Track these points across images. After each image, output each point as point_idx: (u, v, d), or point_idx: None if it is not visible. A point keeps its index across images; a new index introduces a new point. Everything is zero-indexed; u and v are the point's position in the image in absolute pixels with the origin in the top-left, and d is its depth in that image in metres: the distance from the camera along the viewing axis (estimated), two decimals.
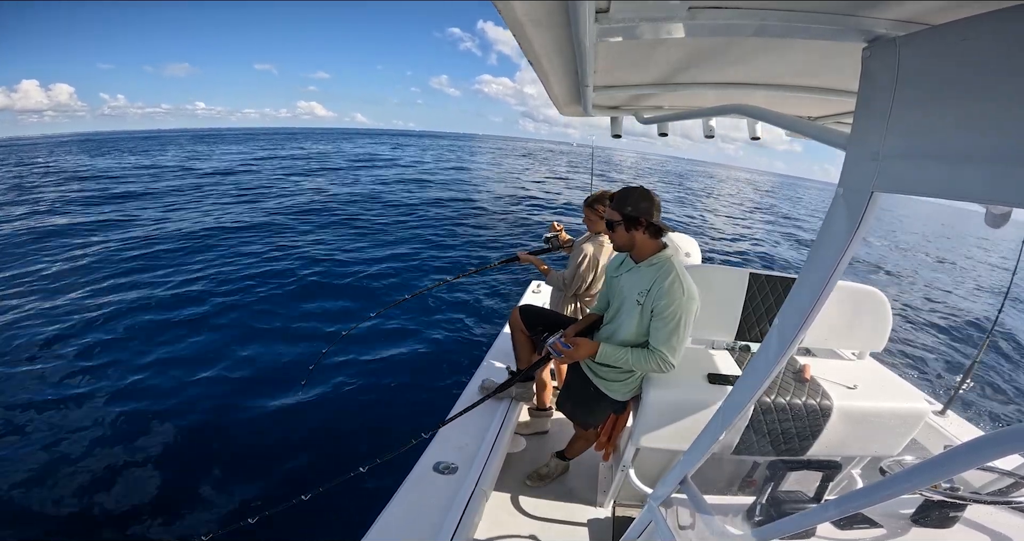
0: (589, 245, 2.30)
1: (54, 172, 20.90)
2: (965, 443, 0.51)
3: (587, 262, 2.26)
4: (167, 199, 13.64)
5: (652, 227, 1.60)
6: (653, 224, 1.59)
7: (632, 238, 1.62)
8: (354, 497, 2.93)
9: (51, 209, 12.10)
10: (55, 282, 6.80)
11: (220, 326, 5.40)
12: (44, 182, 17.47)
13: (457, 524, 1.59)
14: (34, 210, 11.94)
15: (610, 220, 1.63)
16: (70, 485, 3.05)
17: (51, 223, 10.39)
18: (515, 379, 2.12)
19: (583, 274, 2.27)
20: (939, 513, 1.23)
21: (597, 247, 2.29)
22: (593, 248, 2.28)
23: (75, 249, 8.45)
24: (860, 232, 0.65)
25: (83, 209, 12.08)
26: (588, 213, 2.33)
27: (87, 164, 25.07)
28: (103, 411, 3.80)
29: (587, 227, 2.41)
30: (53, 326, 5.29)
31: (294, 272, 7.25)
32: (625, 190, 1.64)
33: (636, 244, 1.63)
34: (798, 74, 1.17)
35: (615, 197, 1.63)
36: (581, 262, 2.28)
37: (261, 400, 3.93)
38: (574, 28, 0.70)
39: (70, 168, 22.75)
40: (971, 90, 0.50)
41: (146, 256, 7.97)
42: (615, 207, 1.61)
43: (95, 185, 16.47)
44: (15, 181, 17.80)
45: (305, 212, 11.96)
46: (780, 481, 1.22)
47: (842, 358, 2.22)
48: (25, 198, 13.79)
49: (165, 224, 10.32)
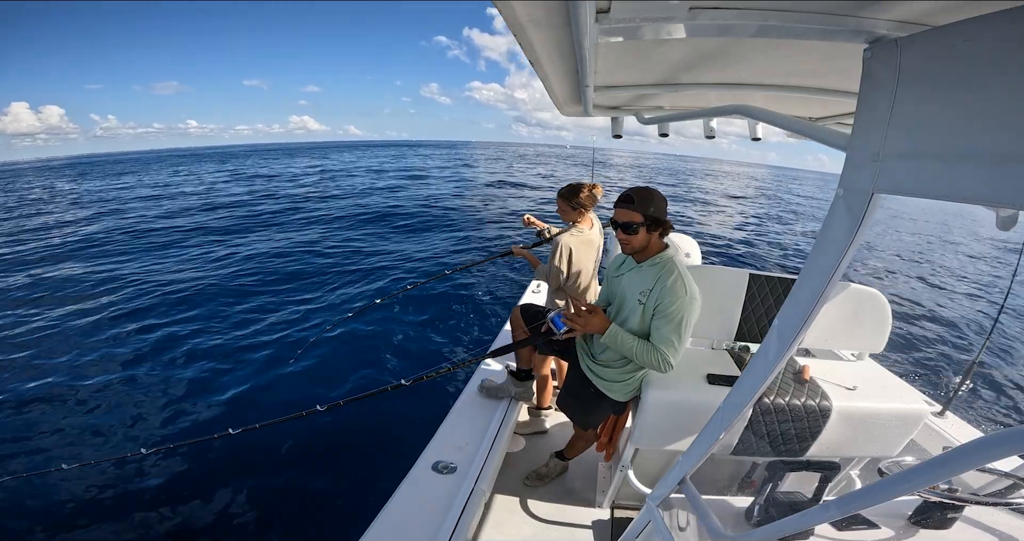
0: (563, 236, 2.29)
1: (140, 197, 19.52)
2: (964, 444, 0.51)
3: (559, 254, 2.26)
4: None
5: (668, 227, 1.58)
6: (670, 224, 1.59)
7: (650, 240, 1.59)
8: (353, 497, 2.94)
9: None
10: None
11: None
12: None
13: (456, 524, 1.59)
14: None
15: (630, 222, 1.55)
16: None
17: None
18: (503, 351, 2.04)
19: (556, 266, 2.27)
20: (938, 514, 1.24)
21: (569, 238, 2.28)
22: (565, 239, 2.27)
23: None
24: (860, 233, 0.65)
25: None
26: (562, 204, 2.32)
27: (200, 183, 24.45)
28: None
29: (561, 218, 2.42)
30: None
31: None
32: (644, 190, 1.58)
33: (647, 245, 1.61)
34: (799, 75, 1.17)
35: (634, 198, 1.55)
36: (553, 254, 2.29)
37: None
38: (574, 28, 0.70)
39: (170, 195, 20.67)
40: (972, 91, 0.50)
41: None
42: (637, 209, 1.54)
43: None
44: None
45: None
46: (779, 482, 1.22)
47: (842, 359, 2.22)
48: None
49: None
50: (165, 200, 17.36)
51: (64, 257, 9.18)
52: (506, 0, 0.63)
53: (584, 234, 2.32)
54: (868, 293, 1.91)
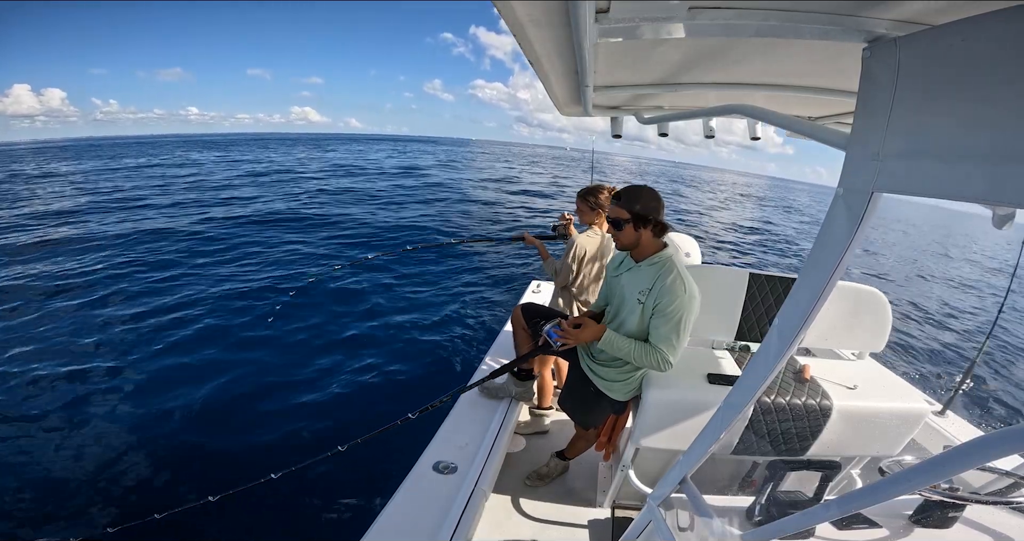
0: (579, 237, 2.30)
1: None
2: (964, 443, 0.51)
3: (572, 253, 2.26)
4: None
5: (659, 226, 1.59)
6: (660, 223, 1.59)
7: (639, 237, 1.60)
8: (354, 497, 2.94)
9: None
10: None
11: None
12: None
13: (456, 524, 1.59)
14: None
15: (617, 218, 1.59)
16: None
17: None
18: (505, 369, 2.05)
19: (569, 264, 2.28)
20: (938, 513, 1.24)
21: (586, 239, 2.28)
22: (582, 240, 2.28)
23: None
24: (860, 232, 0.65)
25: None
26: (580, 204, 2.32)
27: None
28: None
29: (579, 218, 2.42)
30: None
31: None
32: (634, 188, 1.61)
33: (640, 243, 1.62)
34: (798, 74, 1.16)
35: (622, 195, 1.60)
36: (568, 252, 2.29)
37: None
38: (574, 28, 0.70)
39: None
40: (971, 90, 0.50)
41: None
42: (624, 205, 1.57)
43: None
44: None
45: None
46: (780, 481, 1.22)
47: (842, 358, 2.22)
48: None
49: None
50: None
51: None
52: (506, 0, 0.63)
53: (598, 236, 2.33)
54: (868, 292, 1.91)
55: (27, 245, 8.64)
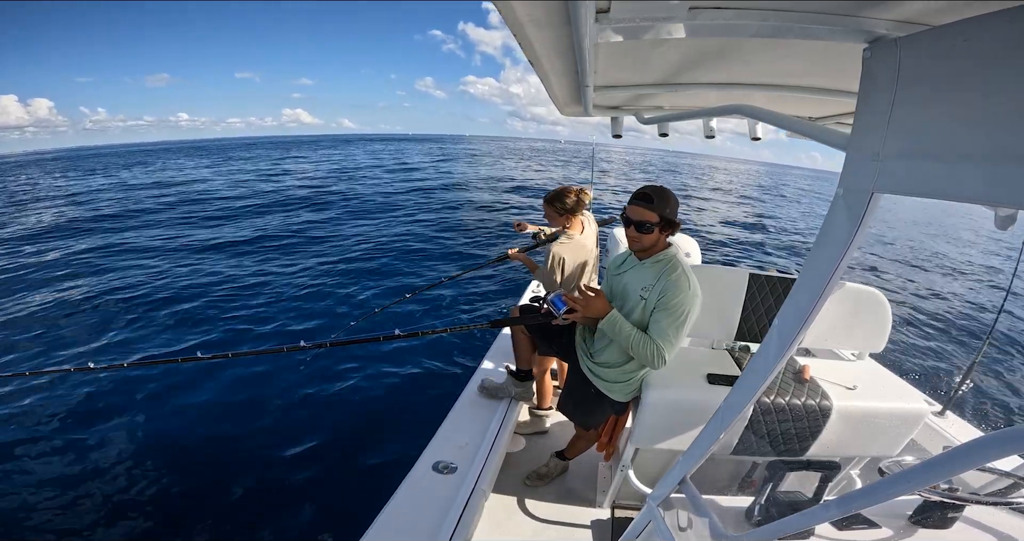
0: (554, 246, 2.28)
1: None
2: (964, 444, 0.51)
3: (550, 264, 2.27)
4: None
5: (676, 226, 1.58)
6: (679, 226, 1.58)
7: (658, 239, 1.59)
8: (353, 496, 2.94)
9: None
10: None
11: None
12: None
13: (456, 524, 1.59)
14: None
15: (645, 221, 1.53)
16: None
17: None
18: (503, 323, 2.14)
19: (550, 275, 2.28)
20: (938, 513, 1.24)
21: (559, 247, 2.27)
22: (556, 249, 2.27)
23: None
24: (860, 233, 0.65)
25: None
26: (548, 210, 2.31)
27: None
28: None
29: (549, 223, 2.41)
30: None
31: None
32: (661, 190, 1.56)
33: (655, 244, 1.61)
34: (799, 74, 1.17)
35: (654, 198, 1.53)
36: (546, 263, 2.30)
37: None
38: (574, 28, 0.70)
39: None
40: (971, 91, 0.50)
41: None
42: (655, 209, 1.52)
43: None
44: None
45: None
46: (779, 481, 1.23)
47: (842, 358, 2.22)
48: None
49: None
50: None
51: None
52: (506, 0, 0.63)
53: (575, 240, 2.30)
54: (868, 293, 1.91)
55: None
